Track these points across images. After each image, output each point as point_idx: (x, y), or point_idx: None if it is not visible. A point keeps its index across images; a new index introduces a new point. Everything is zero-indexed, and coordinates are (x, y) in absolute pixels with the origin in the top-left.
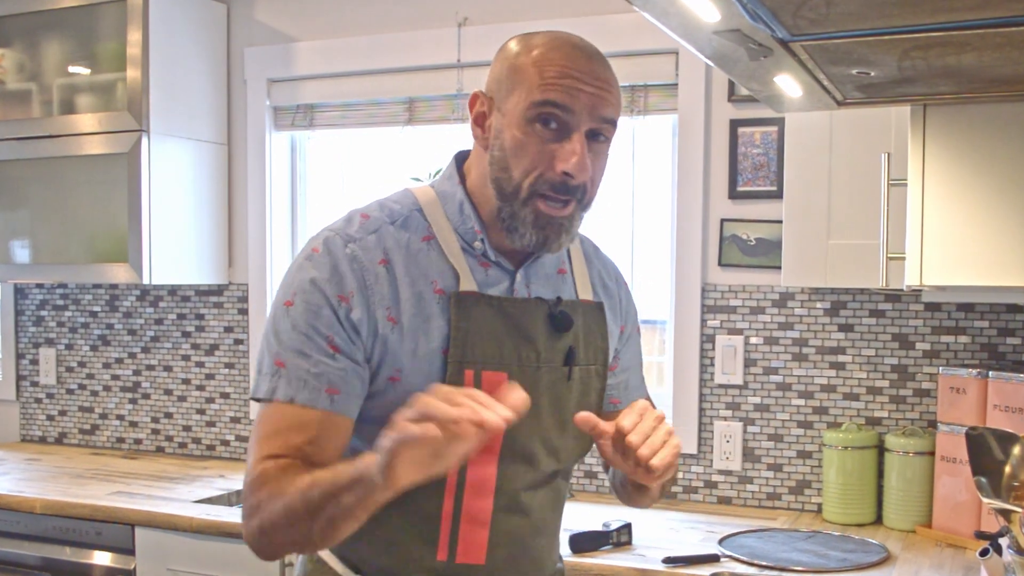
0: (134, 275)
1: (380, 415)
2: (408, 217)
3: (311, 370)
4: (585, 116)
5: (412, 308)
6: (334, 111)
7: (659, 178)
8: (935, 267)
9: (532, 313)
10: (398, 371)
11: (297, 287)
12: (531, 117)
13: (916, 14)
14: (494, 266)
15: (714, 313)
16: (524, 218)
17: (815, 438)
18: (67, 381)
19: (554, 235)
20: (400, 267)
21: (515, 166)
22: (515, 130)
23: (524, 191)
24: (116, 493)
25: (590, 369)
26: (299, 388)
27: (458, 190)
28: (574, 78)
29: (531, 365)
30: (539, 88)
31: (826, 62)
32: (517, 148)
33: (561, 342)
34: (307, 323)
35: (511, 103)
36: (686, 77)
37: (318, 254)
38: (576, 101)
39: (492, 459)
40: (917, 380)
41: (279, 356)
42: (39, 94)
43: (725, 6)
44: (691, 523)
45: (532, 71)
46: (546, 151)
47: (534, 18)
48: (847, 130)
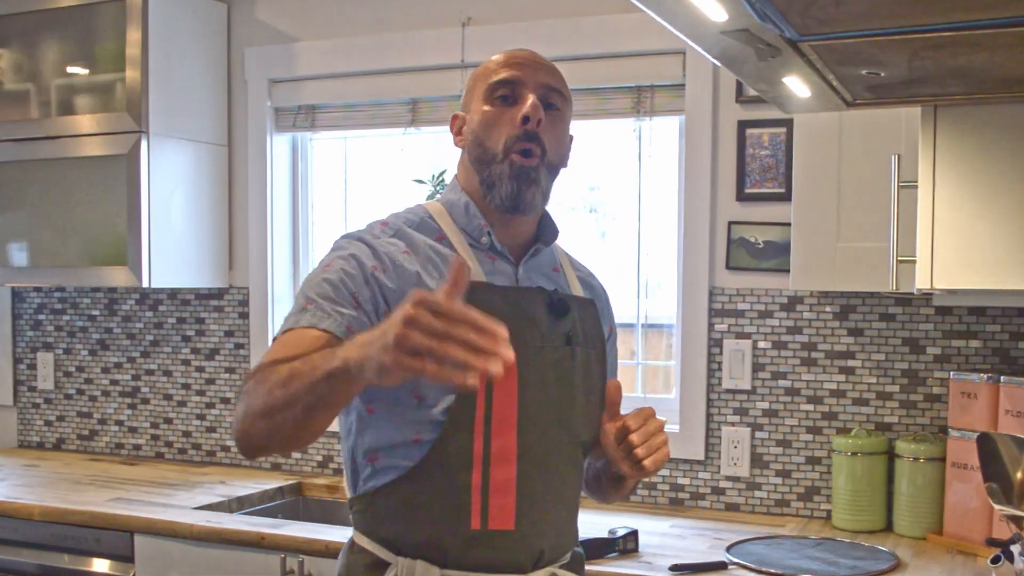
0: (133, 278)
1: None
2: (421, 223)
3: (336, 309)
4: (531, 84)
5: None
6: (336, 112)
7: (666, 180)
8: (946, 270)
9: (534, 300)
10: None
11: (335, 256)
12: (487, 97)
13: (927, 13)
14: (499, 259)
15: (722, 317)
16: (501, 173)
17: (824, 444)
18: (65, 386)
19: (525, 185)
20: (422, 258)
21: (486, 137)
22: (480, 113)
23: (500, 152)
24: (115, 500)
25: (589, 353)
26: (322, 318)
27: (461, 196)
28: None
29: (535, 344)
30: (492, 73)
31: (835, 62)
32: (483, 123)
33: (560, 326)
34: (339, 279)
35: (474, 101)
36: (693, 78)
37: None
38: (520, 73)
39: (511, 432)
40: (928, 385)
41: (307, 299)
42: (37, 95)
43: (733, 6)
44: (698, 530)
45: (483, 69)
46: (507, 117)
47: (538, 17)
48: (857, 131)
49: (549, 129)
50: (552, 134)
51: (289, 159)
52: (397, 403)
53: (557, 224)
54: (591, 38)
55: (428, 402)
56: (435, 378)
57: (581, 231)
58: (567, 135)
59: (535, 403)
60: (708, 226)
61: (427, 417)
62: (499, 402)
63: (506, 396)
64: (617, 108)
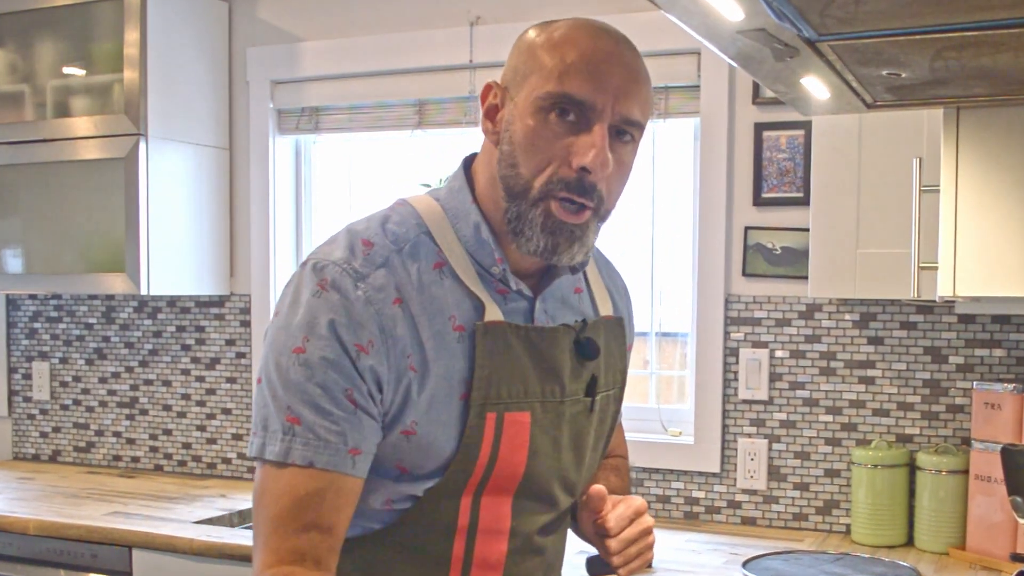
0: (131, 285)
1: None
2: (415, 243)
3: (332, 428)
4: (608, 109)
5: (433, 352)
6: (340, 114)
7: (680, 184)
8: (969, 277)
9: (558, 342)
10: (414, 424)
11: (308, 330)
12: (546, 106)
13: (949, 12)
14: (513, 292)
15: (738, 325)
16: (533, 220)
17: (843, 456)
18: (61, 396)
19: (565, 243)
20: (416, 304)
21: (525, 162)
22: (527, 120)
23: (535, 191)
24: (112, 513)
25: (609, 395)
26: (318, 449)
27: (472, 209)
28: (599, 71)
29: (554, 400)
30: (556, 74)
31: (855, 63)
32: (528, 141)
33: (585, 371)
34: (324, 373)
35: (525, 91)
36: (709, 78)
37: (326, 293)
38: (598, 92)
39: (506, 500)
40: (950, 395)
41: (291, 411)
42: (32, 96)
43: (750, 5)
44: (713, 545)
45: (550, 55)
46: (561, 145)
47: (549, 16)
48: (877, 134)
49: (612, 174)
50: (615, 178)
51: (292, 162)
52: (374, 471)
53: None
54: None
55: (410, 475)
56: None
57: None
58: (631, 169)
59: (543, 473)
60: (724, 232)
61: (405, 491)
62: (501, 472)
63: (511, 466)
64: None
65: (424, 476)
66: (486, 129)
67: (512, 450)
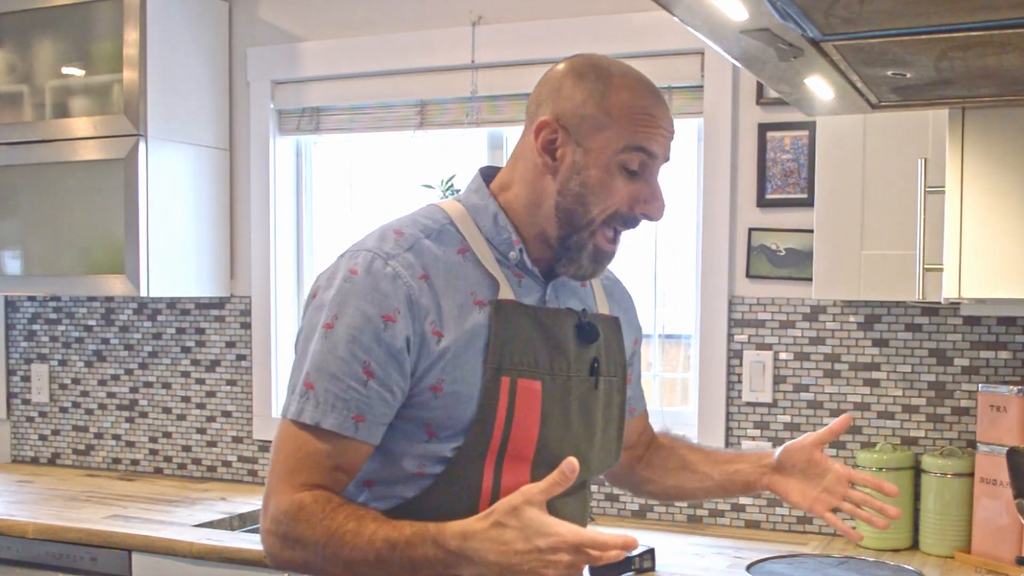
0: (131, 287)
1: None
2: (441, 231)
3: (340, 395)
4: (661, 159)
5: (455, 319)
6: (341, 114)
7: (684, 185)
8: (974, 279)
9: (563, 323)
10: (440, 381)
11: (339, 309)
12: (622, 161)
13: (955, 12)
14: (527, 276)
15: (742, 327)
16: (582, 247)
17: (848, 459)
18: (60, 399)
19: (603, 267)
20: (440, 280)
21: (595, 203)
22: (601, 170)
23: (597, 222)
24: (112, 517)
25: (612, 381)
26: (326, 412)
27: (490, 203)
28: (659, 126)
29: (563, 374)
30: (632, 134)
31: (860, 63)
32: (602, 187)
33: (587, 352)
34: (346, 347)
35: (598, 142)
36: (712, 79)
37: (357, 276)
38: (660, 147)
39: (525, 467)
40: (955, 398)
41: (309, 377)
42: (31, 96)
43: (753, 4)
44: (717, 548)
45: (624, 116)
46: (627, 191)
47: (551, 16)
48: (882, 134)
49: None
50: None
51: (293, 163)
52: (405, 436)
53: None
54: (605, 38)
55: (439, 436)
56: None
57: None
58: None
59: (555, 439)
60: (727, 233)
61: (435, 451)
62: (517, 437)
63: (525, 430)
64: None
65: (449, 437)
66: (545, 163)
67: (526, 414)
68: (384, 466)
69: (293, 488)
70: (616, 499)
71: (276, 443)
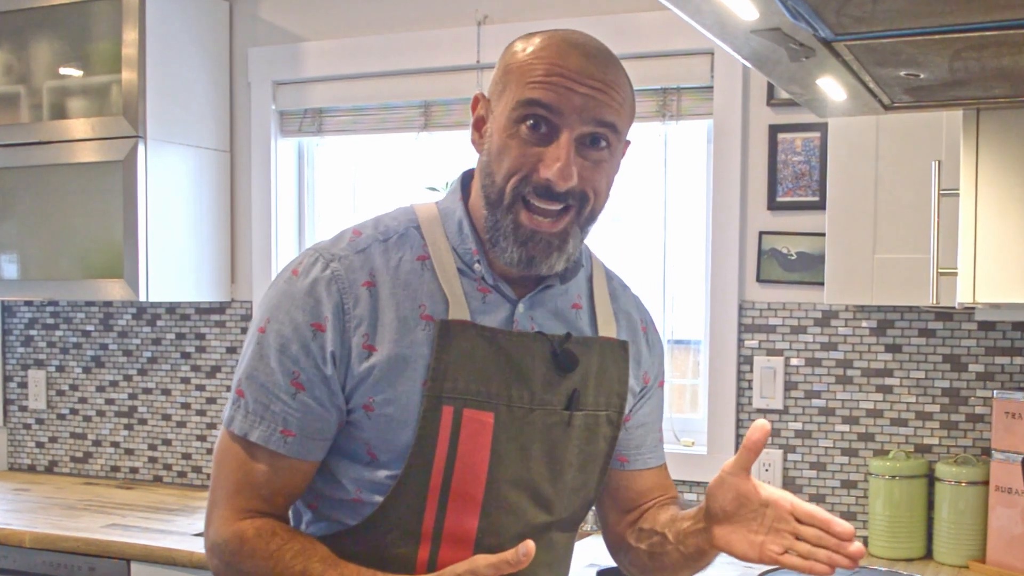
0: (130, 292)
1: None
2: (403, 235)
3: (269, 407)
4: (575, 118)
5: (394, 334)
6: (344, 116)
7: (693, 188)
8: (989, 283)
9: (530, 349)
10: (371, 401)
11: (272, 312)
12: (516, 118)
13: (969, 11)
14: (494, 292)
15: (752, 332)
16: (505, 229)
17: (860, 467)
18: (58, 405)
19: (540, 253)
20: (386, 289)
21: (498, 170)
22: (501, 133)
23: (507, 196)
24: (110, 526)
25: (599, 416)
26: (254, 423)
27: (458, 207)
28: (563, 76)
29: (523, 406)
30: (525, 87)
31: (872, 63)
32: (501, 151)
33: (564, 384)
34: (275, 355)
35: (501, 105)
36: (722, 79)
37: (297, 276)
38: (564, 101)
39: (474, 508)
40: (970, 404)
41: (241, 384)
42: (28, 97)
43: (764, 3)
44: (725, 559)
45: (521, 70)
46: (531, 154)
47: (558, 16)
48: (895, 136)
49: (589, 177)
50: (591, 182)
51: (295, 165)
52: (347, 455)
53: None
54: (613, 37)
55: (380, 460)
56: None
57: (603, 241)
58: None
59: (508, 479)
60: (737, 236)
61: (373, 477)
62: (463, 474)
63: (471, 467)
64: (641, 111)
65: (389, 462)
66: (474, 140)
67: (472, 450)
68: (326, 486)
69: (234, 513)
70: None
71: (216, 453)
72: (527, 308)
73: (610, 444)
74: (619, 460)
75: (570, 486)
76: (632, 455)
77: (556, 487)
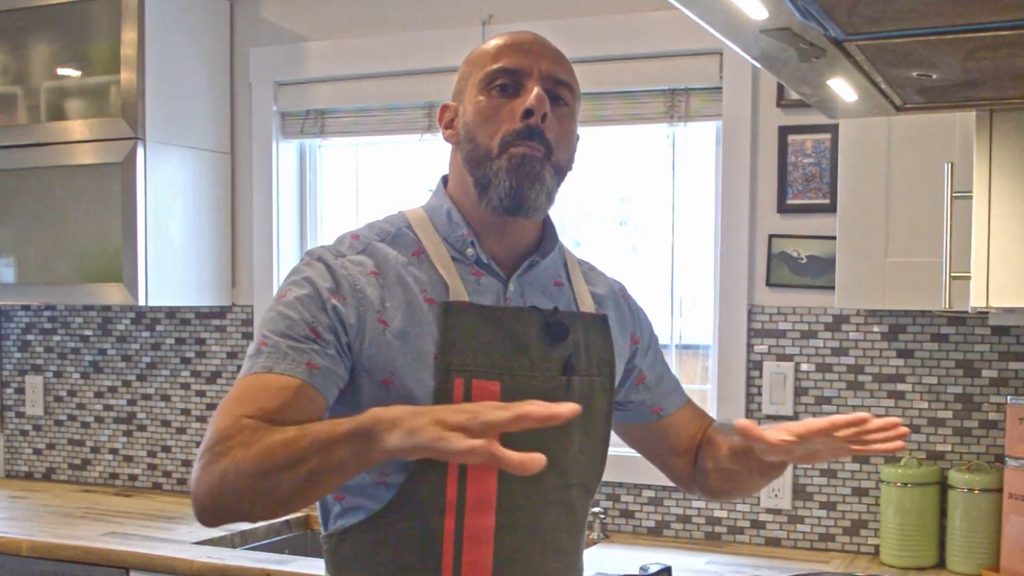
0: (129, 296)
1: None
2: (396, 235)
3: (293, 345)
4: (535, 74)
5: (403, 314)
6: (347, 117)
7: (701, 190)
8: (1003, 287)
9: (525, 321)
10: (391, 374)
11: (291, 284)
12: (486, 85)
13: (982, 11)
14: (486, 274)
15: (762, 337)
16: (499, 168)
17: (872, 474)
18: (56, 412)
19: (527, 181)
20: (391, 278)
21: (480, 133)
22: (475, 102)
23: (495, 149)
24: (109, 534)
25: (593, 380)
26: (278, 360)
27: (444, 200)
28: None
29: (524, 373)
30: (490, 59)
31: (884, 63)
32: (478, 115)
33: (557, 351)
34: (294, 310)
35: (468, 88)
36: (731, 80)
37: (313, 263)
38: (524, 61)
39: (491, 473)
40: (983, 410)
41: (263, 337)
42: (25, 98)
43: (774, 3)
44: (736, 566)
45: (481, 54)
46: (505, 110)
47: (564, 15)
48: (907, 138)
49: (554, 126)
50: (558, 132)
51: (296, 167)
52: None
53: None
54: (621, 37)
55: None
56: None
57: (610, 245)
58: (575, 134)
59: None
60: (747, 240)
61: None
62: None
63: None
64: (649, 113)
65: None
66: (447, 137)
67: None
68: None
69: (234, 418)
70: (631, 515)
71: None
72: (517, 287)
73: (606, 410)
74: (654, 412)
75: (578, 448)
76: (664, 403)
77: (566, 449)
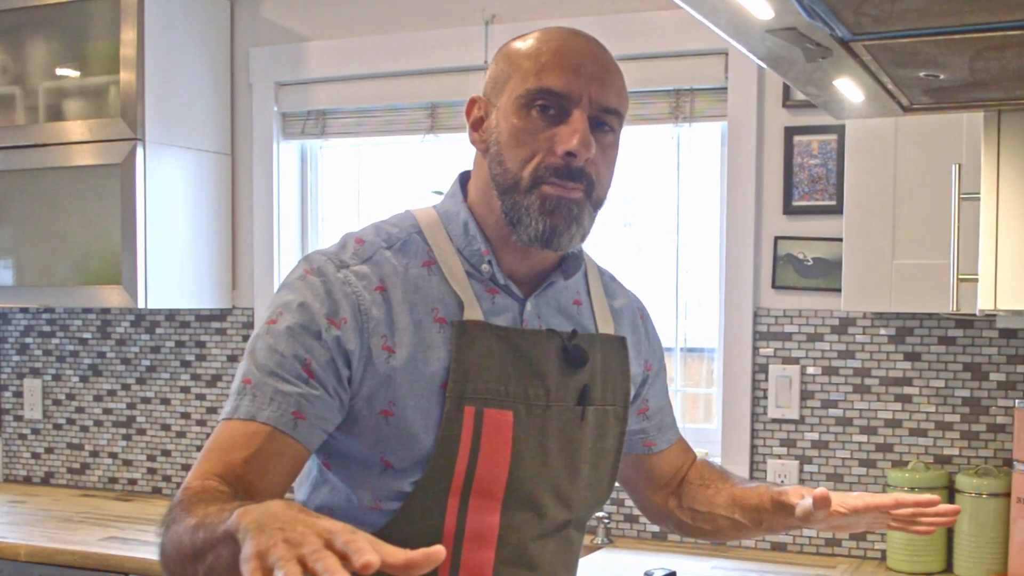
0: (128, 299)
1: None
2: (407, 240)
3: (279, 389)
4: (585, 101)
5: (410, 337)
6: (348, 117)
7: (707, 191)
8: (1011, 289)
9: (543, 346)
10: (391, 404)
11: (283, 306)
12: (526, 103)
13: (991, 10)
14: (502, 293)
15: (767, 340)
16: (529, 206)
17: (878, 478)
18: (54, 415)
19: (563, 223)
20: (398, 294)
21: (511, 157)
22: (511, 119)
23: (525, 181)
24: (108, 539)
25: (607, 410)
26: (262, 406)
27: (462, 209)
28: (572, 63)
29: (540, 403)
30: (534, 73)
31: (891, 64)
32: (512, 137)
33: (574, 379)
34: (286, 343)
35: (506, 94)
36: (736, 80)
37: (310, 276)
38: (574, 85)
39: (495, 506)
40: (991, 414)
41: (248, 374)
42: (24, 99)
43: (780, 3)
44: (742, 571)
45: (526, 58)
46: (543, 137)
47: (567, 15)
48: (914, 139)
49: (599, 160)
50: (600, 165)
51: (297, 168)
52: (359, 463)
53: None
54: (625, 37)
55: (395, 468)
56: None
57: (614, 247)
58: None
59: (529, 476)
60: (752, 242)
61: (391, 486)
62: (484, 473)
63: (494, 466)
64: (654, 113)
65: (407, 469)
66: (473, 140)
67: (494, 449)
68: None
69: (194, 477)
70: (636, 520)
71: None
72: (534, 307)
73: (618, 440)
74: (646, 446)
75: (586, 482)
76: (658, 438)
77: (574, 483)
